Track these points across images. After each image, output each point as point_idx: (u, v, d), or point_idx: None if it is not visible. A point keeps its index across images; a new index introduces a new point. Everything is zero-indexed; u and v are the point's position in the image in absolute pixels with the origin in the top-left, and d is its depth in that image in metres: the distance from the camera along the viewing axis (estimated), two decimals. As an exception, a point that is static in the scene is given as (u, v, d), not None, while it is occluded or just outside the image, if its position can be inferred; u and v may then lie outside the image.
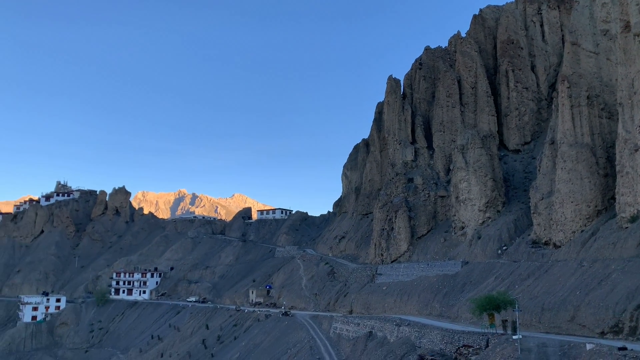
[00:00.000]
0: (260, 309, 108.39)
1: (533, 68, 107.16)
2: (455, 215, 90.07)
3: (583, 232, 63.10)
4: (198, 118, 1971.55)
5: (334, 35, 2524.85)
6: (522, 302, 51.40)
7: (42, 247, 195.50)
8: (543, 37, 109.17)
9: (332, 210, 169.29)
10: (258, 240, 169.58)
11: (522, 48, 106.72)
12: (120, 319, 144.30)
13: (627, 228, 54.30)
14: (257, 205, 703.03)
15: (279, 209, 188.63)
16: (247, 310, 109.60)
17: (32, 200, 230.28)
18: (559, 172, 67.10)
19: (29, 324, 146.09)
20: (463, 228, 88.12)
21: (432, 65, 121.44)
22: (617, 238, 54.39)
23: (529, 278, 59.37)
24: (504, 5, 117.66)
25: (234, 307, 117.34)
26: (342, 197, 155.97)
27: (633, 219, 53.80)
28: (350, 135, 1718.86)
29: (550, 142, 72.96)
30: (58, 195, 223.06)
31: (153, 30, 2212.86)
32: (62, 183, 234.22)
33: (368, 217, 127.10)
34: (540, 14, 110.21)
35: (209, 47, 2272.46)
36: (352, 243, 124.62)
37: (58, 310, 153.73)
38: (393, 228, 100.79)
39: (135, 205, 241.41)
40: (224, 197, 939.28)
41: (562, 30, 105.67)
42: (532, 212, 73.12)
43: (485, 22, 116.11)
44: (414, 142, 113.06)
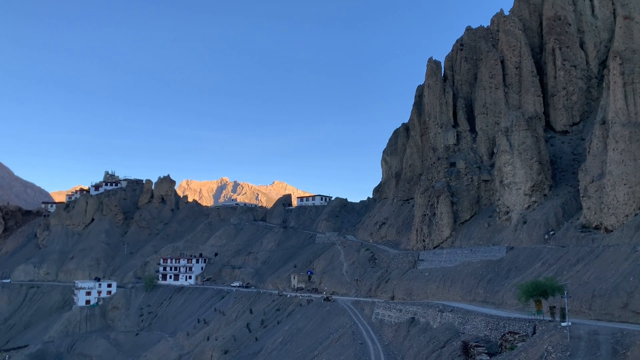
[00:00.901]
0: (302, 294, 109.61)
1: (582, 45, 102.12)
2: (500, 200, 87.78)
3: (637, 215, 60.19)
4: (238, 107, 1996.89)
5: (373, 19, 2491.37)
6: (571, 288, 49.72)
7: (93, 234, 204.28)
8: (592, 11, 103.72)
9: (371, 197, 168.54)
10: (298, 227, 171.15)
11: (569, 24, 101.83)
12: (168, 304, 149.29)
13: (685, 211, 51.37)
14: (296, 192, 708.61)
15: (319, 196, 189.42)
16: (289, 295, 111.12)
17: (82, 190, 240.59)
18: (611, 153, 64.06)
19: (83, 308, 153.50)
20: (508, 213, 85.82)
21: (473, 46, 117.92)
22: (674, 222, 51.59)
23: (579, 264, 57.33)
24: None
25: (277, 292, 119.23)
26: (381, 183, 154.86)
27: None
28: (390, 120, 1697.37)
29: (601, 122, 69.62)
30: (107, 185, 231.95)
31: (192, 21, 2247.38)
32: (110, 173, 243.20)
33: (409, 202, 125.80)
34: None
35: (247, 34, 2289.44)
36: (392, 229, 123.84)
37: (109, 295, 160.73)
38: (435, 213, 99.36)
39: (180, 194, 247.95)
40: (264, 184, 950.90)
41: (613, 4, 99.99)
42: (581, 195, 70.27)
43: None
44: (456, 125, 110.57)
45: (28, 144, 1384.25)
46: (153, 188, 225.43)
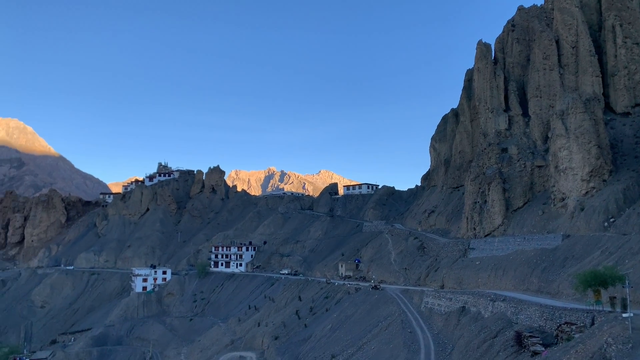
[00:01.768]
0: (350, 282, 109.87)
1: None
2: (555, 186, 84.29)
3: None
4: (284, 96, 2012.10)
5: (421, 1, 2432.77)
6: (633, 278, 47.23)
7: (148, 223, 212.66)
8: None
9: (420, 184, 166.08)
10: (345, 215, 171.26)
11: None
12: (220, 290, 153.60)
13: None
14: (343, 181, 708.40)
15: (365, 184, 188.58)
16: (337, 283, 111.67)
17: (137, 181, 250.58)
18: (678, 135, 60.01)
19: (141, 294, 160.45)
20: (563, 199, 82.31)
21: (526, 26, 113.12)
22: None
23: (642, 252, 54.30)
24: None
25: (325, 279, 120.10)
26: (430, 170, 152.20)
27: None
28: (438, 106, 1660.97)
29: (667, 102, 65.27)
30: (160, 176, 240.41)
31: (238, 10, 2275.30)
32: (163, 164, 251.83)
33: (459, 190, 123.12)
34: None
35: (290, 19, 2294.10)
36: (442, 217, 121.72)
37: (164, 282, 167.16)
38: (486, 201, 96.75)
39: (230, 183, 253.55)
40: (311, 173, 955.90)
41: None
42: (644, 180, 66.40)
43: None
44: (508, 109, 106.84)
45: (87, 138, 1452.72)
46: (204, 178, 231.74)
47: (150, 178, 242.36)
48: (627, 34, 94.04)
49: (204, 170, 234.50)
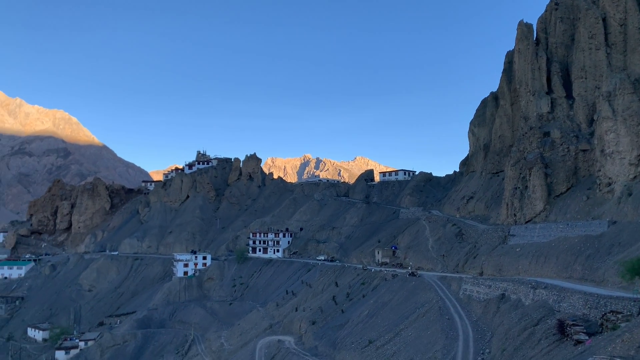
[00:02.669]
0: (387, 269, 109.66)
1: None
2: (600, 171, 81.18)
3: None
4: (319, 84, 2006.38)
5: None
6: (685, 266, 45.24)
7: (188, 210, 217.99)
8: None
9: (458, 170, 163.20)
10: (381, 202, 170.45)
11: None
12: (258, 275, 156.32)
13: None
14: (378, 168, 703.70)
15: (402, 171, 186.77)
16: (373, 270, 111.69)
17: (177, 169, 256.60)
18: None
19: (182, 279, 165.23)
20: (610, 184, 79.21)
21: (570, 4, 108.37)
22: None
23: (695, 239, 51.85)
24: None
25: (361, 266, 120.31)
26: (469, 155, 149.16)
27: None
28: (477, 89, 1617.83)
29: None
30: (199, 164, 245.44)
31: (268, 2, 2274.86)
32: (201, 152, 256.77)
33: (498, 175, 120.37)
34: None
35: (324, 9, 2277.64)
36: (481, 203, 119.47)
37: (205, 267, 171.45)
38: (527, 186, 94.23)
39: (266, 171, 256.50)
40: (346, 160, 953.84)
41: None
42: (699, 164, 63.08)
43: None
44: (550, 92, 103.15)
45: (128, 127, 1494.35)
46: (241, 166, 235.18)
47: (190, 166, 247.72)
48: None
49: (241, 158, 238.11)
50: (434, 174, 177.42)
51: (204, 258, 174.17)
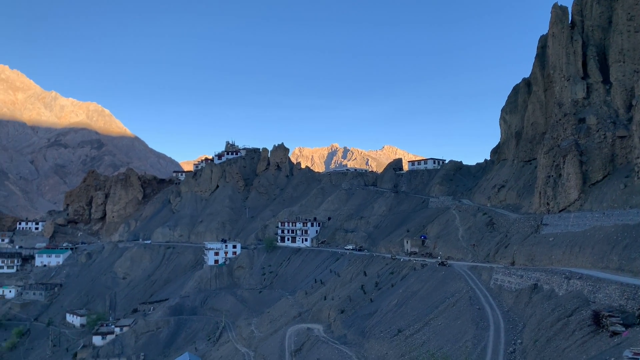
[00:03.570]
0: (416, 259, 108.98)
1: None
2: (639, 158, 78.31)
3: None
4: (346, 73, 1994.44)
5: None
6: None
7: (218, 200, 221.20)
8: None
9: (489, 158, 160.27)
10: (410, 191, 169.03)
11: None
12: (287, 264, 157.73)
13: None
14: (407, 156, 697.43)
15: (431, 159, 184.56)
16: (402, 259, 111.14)
17: (207, 160, 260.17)
18: None
19: (213, 267, 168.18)
20: (649, 172, 76.39)
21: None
22: None
23: None
24: None
25: (390, 255, 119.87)
26: (500, 143, 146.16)
27: None
28: (509, 76, 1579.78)
29: None
30: (228, 154, 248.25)
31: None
32: (230, 143, 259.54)
33: (531, 163, 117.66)
34: None
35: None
36: (512, 192, 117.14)
37: (235, 255, 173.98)
38: (561, 175, 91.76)
39: (294, 161, 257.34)
40: (374, 149, 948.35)
41: None
42: None
43: None
44: (586, 76, 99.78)
45: (159, 119, 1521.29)
46: (269, 156, 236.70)
47: (219, 156, 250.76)
48: None
49: (269, 148, 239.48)
50: (464, 163, 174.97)
51: (234, 247, 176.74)
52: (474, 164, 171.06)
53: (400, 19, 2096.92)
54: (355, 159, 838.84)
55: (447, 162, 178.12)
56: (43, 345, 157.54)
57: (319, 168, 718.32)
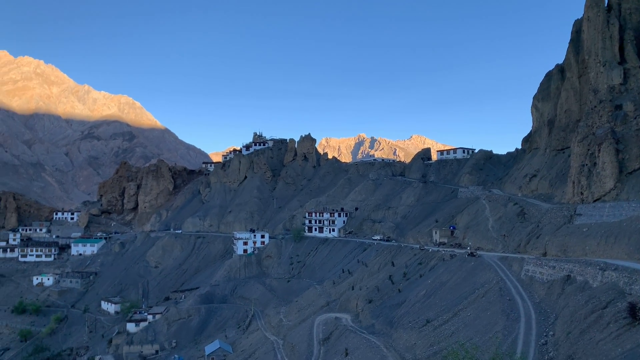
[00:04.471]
0: (445, 249, 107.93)
1: None
2: (680, 146, 75.35)
3: None
4: (372, 62, 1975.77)
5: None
6: None
7: (246, 190, 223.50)
8: None
9: (520, 147, 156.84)
10: (438, 181, 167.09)
11: None
12: (314, 254, 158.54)
13: None
14: (436, 146, 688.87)
15: (460, 149, 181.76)
16: (431, 250, 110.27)
17: (235, 151, 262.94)
18: None
19: (242, 256, 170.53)
20: (690, 160, 73.45)
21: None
22: None
23: None
24: None
25: (418, 246, 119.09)
26: (532, 131, 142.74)
27: None
28: (541, 62, 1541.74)
29: None
30: (255, 145, 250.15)
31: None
32: (258, 134, 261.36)
33: (564, 152, 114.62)
34: None
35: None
36: (544, 181, 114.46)
37: (263, 245, 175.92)
38: (596, 163, 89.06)
39: (320, 151, 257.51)
40: (402, 139, 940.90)
41: None
42: None
43: None
44: (623, 62, 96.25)
45: (188, 111, 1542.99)
46: (296, 147, 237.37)
47: (247, 147, 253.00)
48: None
49: (296, 139, 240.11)
50: (495, 152, 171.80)
51: (262, 237, 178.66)
52: (505, 153, 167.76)
53: (427, 6, 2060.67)
54: (383, 149, 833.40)
55: (476, 151, 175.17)
56: (80, 331, 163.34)
57: (346, 158, 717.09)
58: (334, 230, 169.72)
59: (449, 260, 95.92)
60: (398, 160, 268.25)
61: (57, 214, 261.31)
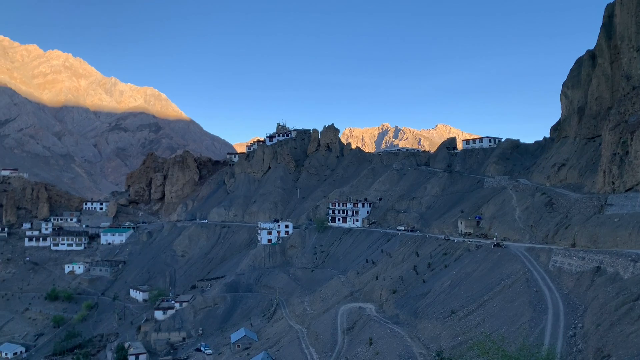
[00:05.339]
0: (470, 240, 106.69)
1: None
2: None
3: None
4: (397, 51, 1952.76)
5: None
6: None
7: (270, 181, 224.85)
8: None
9: (548, 136, 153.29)
10: (464, 171, 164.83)
11: None
12: (338, 244, 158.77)
13: None
14: (461, 135, 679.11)
15: (486, 138, 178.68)
16: (456, 240, 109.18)
17: (259, 141, 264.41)
18: None
19: (266, 246, 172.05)
20: None
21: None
22: None
23: None
24: None
25: (443, 236, 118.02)
26: (561, 120, 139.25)
27: None
28: (571, 48, 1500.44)
29: None
30: (279, 136, 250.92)
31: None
32: (281, 124, 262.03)
33: (594, 141, 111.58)
34: None
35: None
36: (574, 171, 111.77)
37: (287, 235, 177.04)
38: (628, 152, 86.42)
39: (344, 141, 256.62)
40: (427, 128, 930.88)
41: None
42: None
43: None
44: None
45: (213, 102, 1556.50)
46: (319, 137, 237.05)
47: (271, 138, 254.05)
48: None
49: (319, 129, 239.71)
50: (522, 141, 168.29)
51: (286, 226, 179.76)
52: (532, 142, 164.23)
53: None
54: (407, 139, 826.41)
55: (503, 140, 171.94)
56: (110, 318, 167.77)
57: (370, 148, 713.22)
58: (358, 221, 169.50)
59: (475, 251, 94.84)
60: (423, 150, 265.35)
61: (86, 204, 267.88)
